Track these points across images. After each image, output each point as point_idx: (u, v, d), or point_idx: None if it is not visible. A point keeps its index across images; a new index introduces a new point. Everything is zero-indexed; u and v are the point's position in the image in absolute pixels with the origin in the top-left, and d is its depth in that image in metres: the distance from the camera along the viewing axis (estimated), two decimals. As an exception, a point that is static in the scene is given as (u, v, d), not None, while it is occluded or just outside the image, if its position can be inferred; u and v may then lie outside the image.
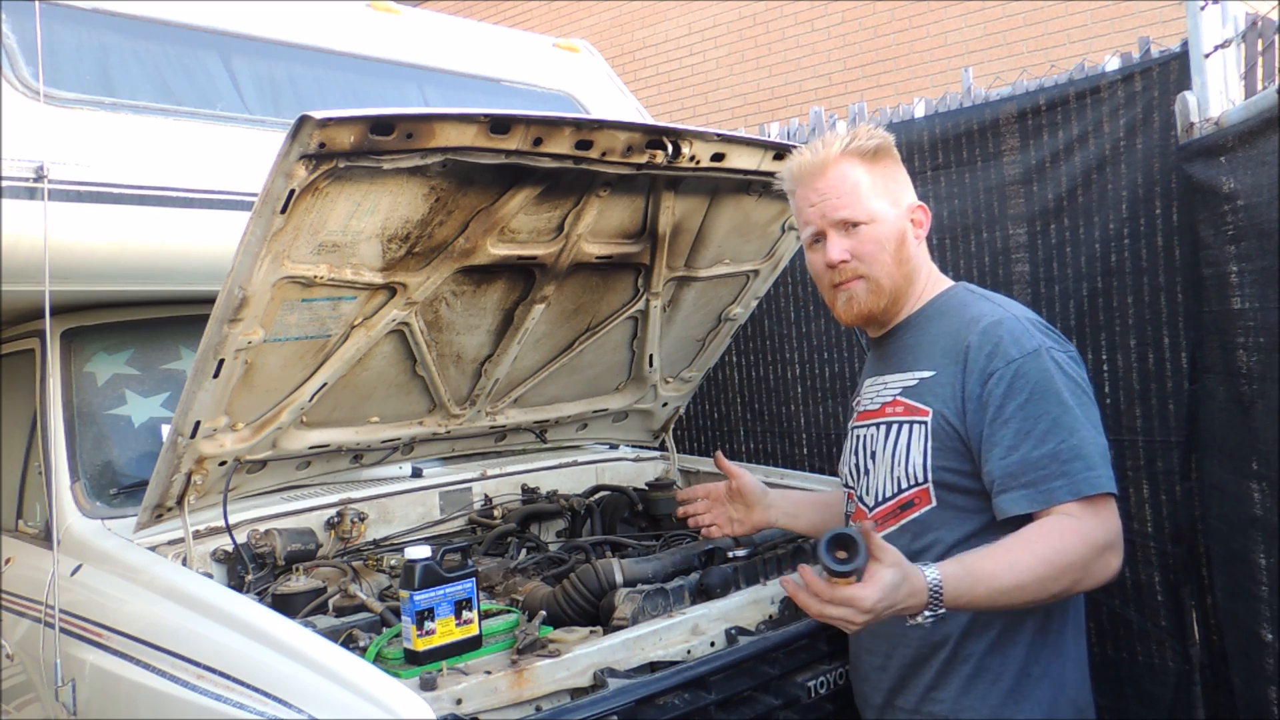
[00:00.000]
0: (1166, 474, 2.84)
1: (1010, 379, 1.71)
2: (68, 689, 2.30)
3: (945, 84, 6.52)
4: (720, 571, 2.32)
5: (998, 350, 1.74)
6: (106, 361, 2.86)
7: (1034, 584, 1.61)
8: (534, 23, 9.98)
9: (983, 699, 1.78)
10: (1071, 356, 1.79)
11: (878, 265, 1.87)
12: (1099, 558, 1.65)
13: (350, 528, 2.64)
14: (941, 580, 1.56)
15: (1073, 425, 1.69)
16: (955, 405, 1.77)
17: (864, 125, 1.94)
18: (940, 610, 1.56)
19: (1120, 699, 2.97)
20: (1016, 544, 1.64)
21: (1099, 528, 1.66)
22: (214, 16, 3.00)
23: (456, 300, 2.41)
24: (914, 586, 1.53)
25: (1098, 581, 1.67)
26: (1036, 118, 3.06)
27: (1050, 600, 1.69)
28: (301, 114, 1.72)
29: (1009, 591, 1.61)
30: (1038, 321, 1.82)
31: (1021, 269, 3.12)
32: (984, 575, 1.60)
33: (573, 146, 2.06)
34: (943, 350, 1.82)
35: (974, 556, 1.64)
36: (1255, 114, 1.98)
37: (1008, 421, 1.70)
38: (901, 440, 1.84)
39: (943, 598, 1.56)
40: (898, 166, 1.93)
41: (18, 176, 2.38)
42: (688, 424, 4.20)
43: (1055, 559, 1.62)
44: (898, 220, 1.88)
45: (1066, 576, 1.63)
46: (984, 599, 1.61)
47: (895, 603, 1.51)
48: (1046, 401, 1.70)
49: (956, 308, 1.88)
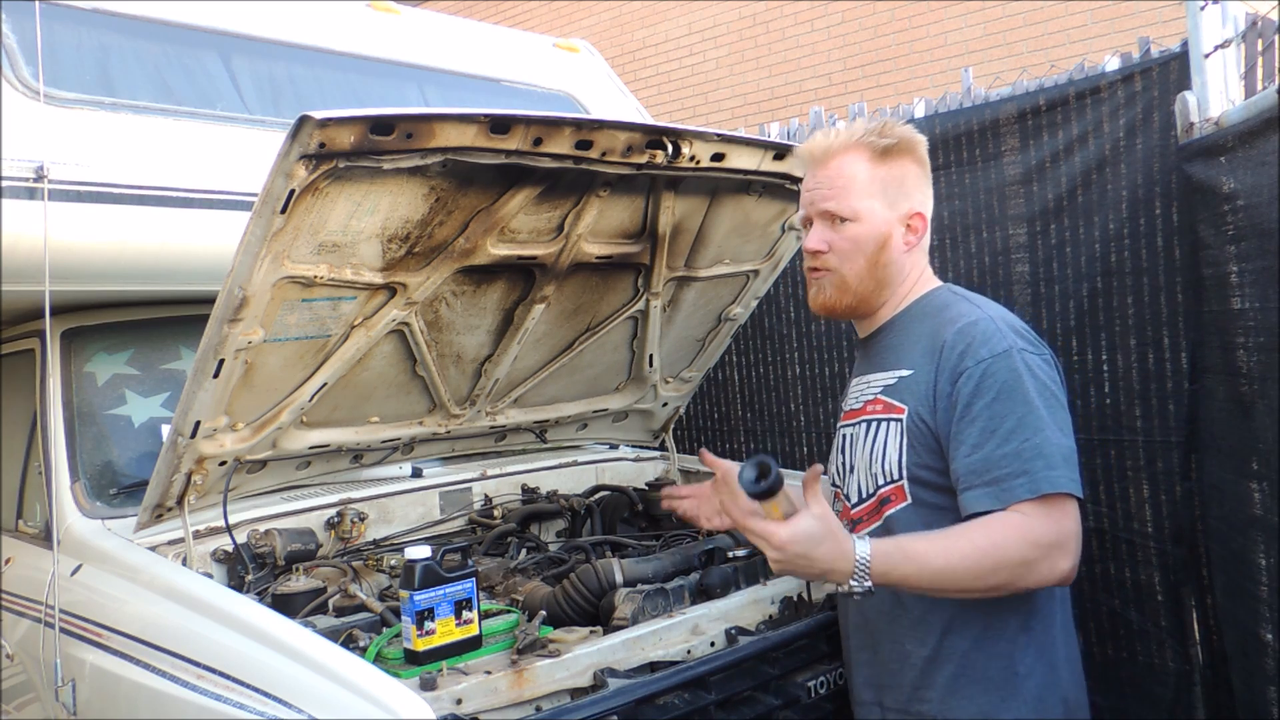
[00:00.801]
0: (1166, 474, 2.84)
1: (979, 378, 1.72)
2: (68, 689, 2.30)
3: (945, 84, 6.53)
4: (720, 571, 2.32)
5: (969, 350, 1.74)
6: (106, 361, 2.86)
7: (966, 572, 1.63)
8: (534, 23, 9.98)
9: (970, 698, 1.78)
10: (1045, 360, 1.79)
11: (849, 265, 1.87)
12: (1043, 558, 1.64)
13: (350, 528, 2.64)
14: (870, 553, 1.61)
15: (1037, 425, 1.68)
16: (929, 403, 1.78)
17: (891, 120, 1.91)
18: (867, 582, 1.60)
19: (1120, 699, 2.97)
20: (955, 531, 1.67)
21: (1047, 528, 1.65)
22: (214, 16, 3.00)
23: (456, 300, 2.41)
24: (840, 549, 1.59)
25: (1042, 580, 1.67)
26: (1036, 118, 3.06)
27: (990, 593, 1.68)
28: (301, 114, 1.72)
29: (940, 574, 1.63)
30: (1014, 324, 1.82)
31: (1021, 269, 3.12)
32: (915, 554, 1.64)
33: (573, 146, 2.06)
34: (922, 350, 1.83)
35: (910, 537, 1.69)
36: (1255, 114, 1.98)
37: (974, 420, 1.71)
38: (879, 438, 1.85)
39: (869, 568, 1.60)
40: (912, 168, 1.89)
41: (18, 176, 2.38)
42: (688, 424, 4.20)
43: (990, 551, 1.63)
44: (885, 224, 1.86)
45: (1002, 571, 1.64)
46: (914, 579, 1.64)
47: (810, 554, 1.57)
48: (1013, 401, 1.70)
49: (938, 308, 1.88)
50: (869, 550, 1.61)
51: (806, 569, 1.61)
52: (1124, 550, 2.93)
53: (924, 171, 1.92)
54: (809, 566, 1.60)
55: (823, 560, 1.59)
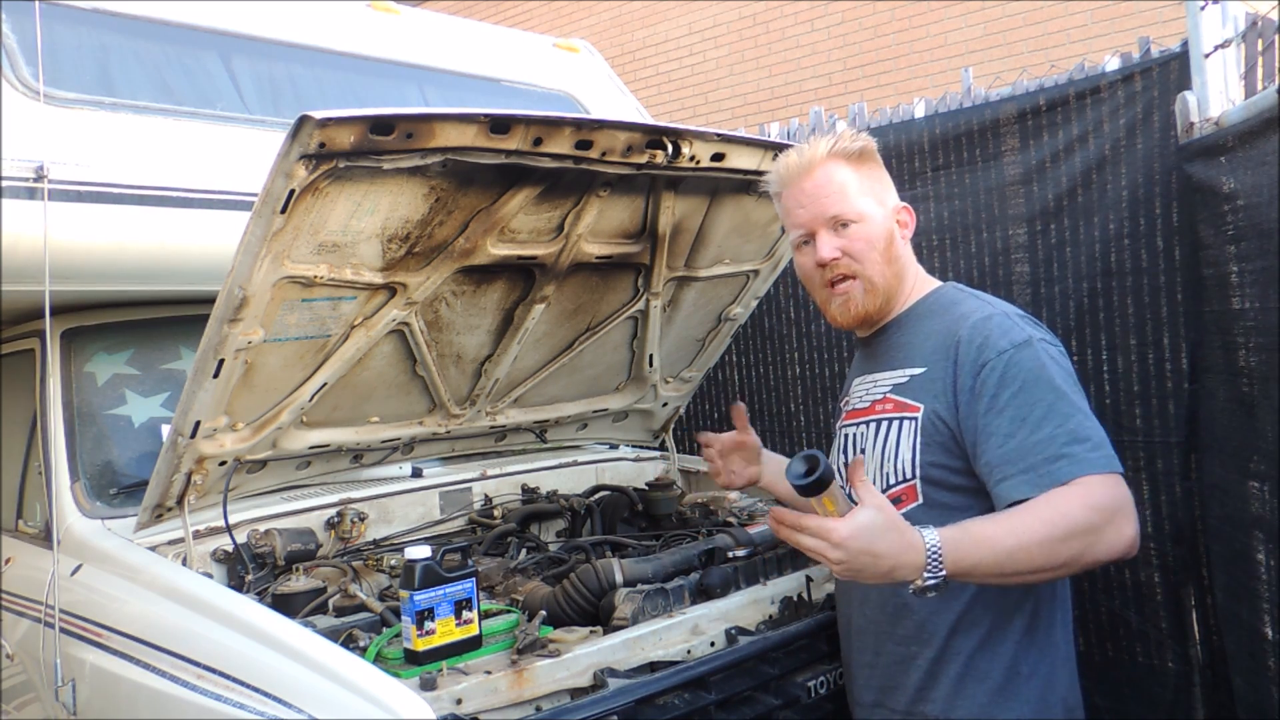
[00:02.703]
0: (1166, 474, 2.84)
1: (1003, 369, 1.72)
2: (68, 689, 2.30)
3: (945, 84, 6.52)
4: (720, 571, 2.32)
5: (988, 343, 1.75)
6: (106, 361, 2.86)
7: (1038, 547, 1.55)
8: (534, 23, 9.99)
9: (972, 698, 1.78)
10: (1060, 350, 1.80)
11: (869, 263, 1.89)
12: (1108, 523, 1.59)
13: (350, 528, 2.64)
14: (940, 542, 1.51)
15: (1068, 411, 1.68)
16: (947, 400, 1.77)
17: (846, 129, 1.99)
18: (941, 573, 1.51)
19: (1120, 699, 2.97)
20: (1018, 510, 1.61)
21: (1106, 494, 1.61)
22: (214, 16, 3.00)
23: (456, 300, 2.41)
24: (907, 540, 1.50)
25: (1111, 550, 1.60)
26: (1036, 118, 3.05)
27: (1061, 570, 1.62)
28: (301, 114, 1.72)
29: (1013, 554, 1.55)
30: (1026, 317, 1.84)
31: (1021, 269, 3.12)
32: (985, 538, 1.56)
33: (573, 146, 2.06)
34: (934, 347, 1.83)
35: (973, 521, 1.60)
36: (1255, 114, 1.98)
37: (1003, 410, 1.70)
38: (891, 437, 1.84)
39: (942, 558, 1.51)
40: (881, 169, 1.97)
41: (18, 176, 2.38)
42: (688, 424, 4.20)
43: (1059, 520, 1.56)
44: (885, 220, 1.91)
45: (1075, 540, 1.57)
46: (989, 564, 1.55)
47: (874, 548, 1.48)
48: (1040, 389, 1.70)
49: (947, 305, 1.90)
50: (938, 538, 1.51)
51: (873, 567, 1.49)
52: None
53: (885, 171, 2.00)
54: (874, 564, 1.49)
55: (889, 554, 1.48)
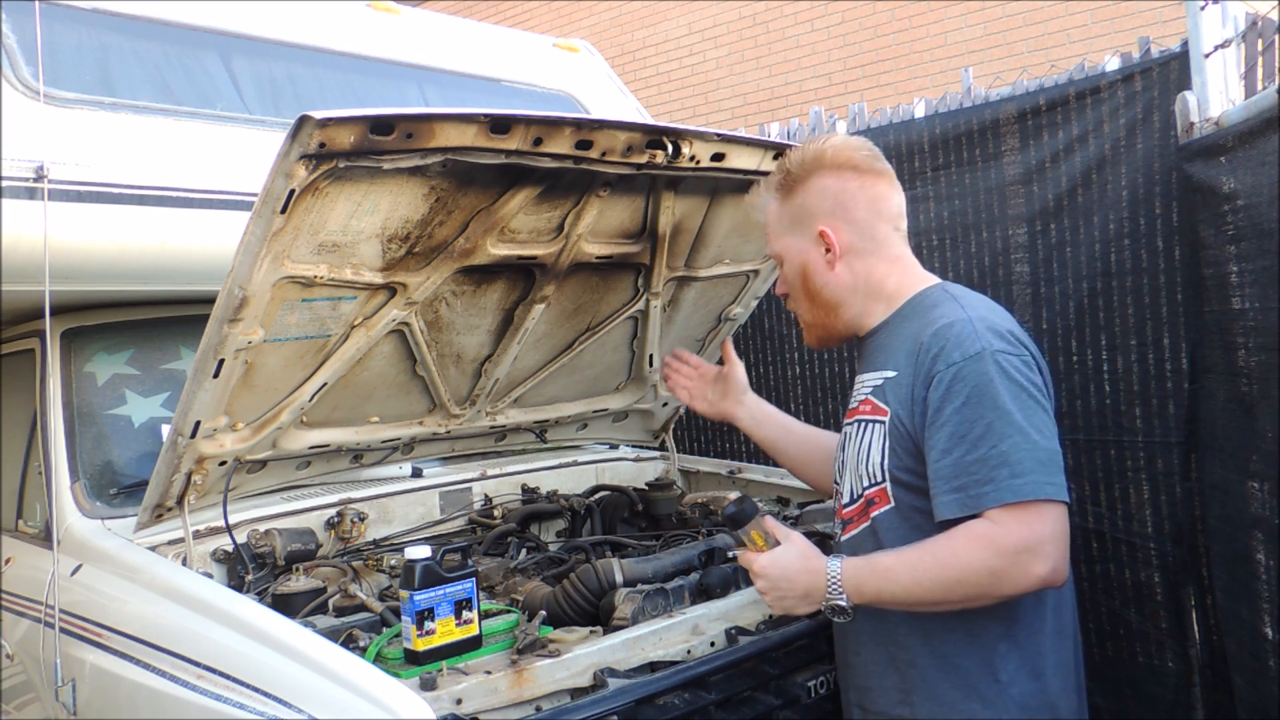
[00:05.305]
0: (1166, 474, 2.84)
1: (949, 382, 1.69)
2: (68, 689, 2.30)
3: (945, 84, 6.53)
4: (720, 571, 2.32)
5: (942, 353, 1.72)
6: (106, 361, 2.86)
7: (931, 585, 1.67)
8: (534, 23, 9.99)
9: (951, 704, 1.77)
10: (1025, 360, 1.73)
11: (796, 302, 2.00)
12: (1011, 565, 1.61)
13: (350, 528, 2.64)
14: (841, 570, 1.73)
15: (1005, 431, 1.64)
16: (908, 406, 1.76)
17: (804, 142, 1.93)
18: (841, 597, 1.72)
19: (1120, 699, 2.97)
20: (922, 545, 1.70)
21: (1017, 533, 1.61)
22: (214, 16, 3.00)
23: (456, 300, 2.41)
24: (812, 567, 1.76)
25: (1018, 586, 1.63)
26: (1036, 118, 3.06)
27: (965, 604, 1.68)
28: (301, 114, 1.72)
29: (910, 590, 1.69)
30: (995, 325, 1.75)
31: (1021, 269, 3.12)
32: (883, 569, 1.72)
33: (573, 146, 2.06)
34: (906, 351, 1.81)
35: (880, 554, 1.76)
36: (1255, 114, 1.98)
37: (944, 425, 1.69)
38: (865, 439, 1.84)
39: (841, 585, 1.72)
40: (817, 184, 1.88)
41: (18, 176, 2.38)
42: (688, 424, 4.20)
43: (951, 562, 1.64)
44: (800, 254, 1.93)
45: (969, 581, 1.64)
46: (890, 594, 1.71)
47: (790, 575, 1.76)
48: (982, 406, 1.66)
49: (927, 308, 1.85)
50: (839, 567, 1.73)
51: (789, 590, 1.77)
52: (1124, 551, 2.93)
53: (838, 178, 1.88)
54: (790, 587, 1.77)
55: (802, 580, 1.75)
